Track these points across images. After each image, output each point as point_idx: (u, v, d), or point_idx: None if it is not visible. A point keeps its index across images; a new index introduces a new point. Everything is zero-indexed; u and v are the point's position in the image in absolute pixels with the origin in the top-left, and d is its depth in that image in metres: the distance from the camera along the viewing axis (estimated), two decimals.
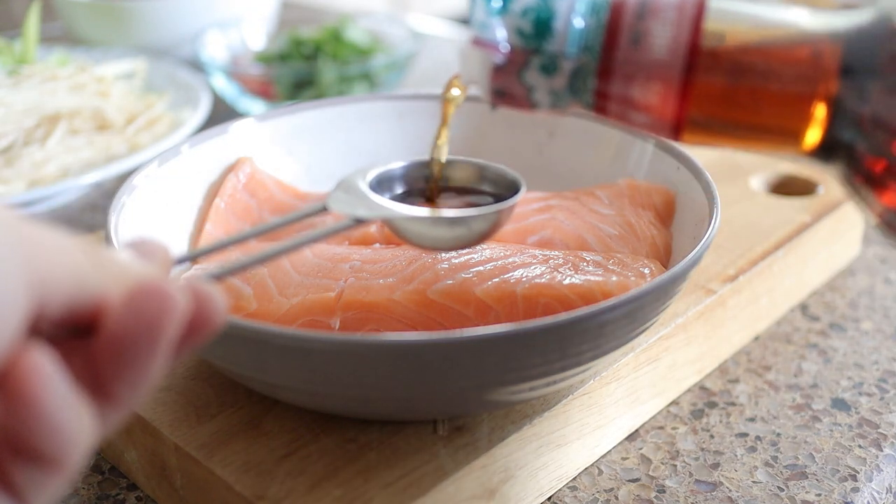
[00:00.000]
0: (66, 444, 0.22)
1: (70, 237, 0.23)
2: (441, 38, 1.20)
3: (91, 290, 0.23)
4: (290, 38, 0.92)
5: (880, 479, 0.43)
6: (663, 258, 0.47)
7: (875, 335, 0.54)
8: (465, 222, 0.39)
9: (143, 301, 0.23)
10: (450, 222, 0.39)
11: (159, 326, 0.23)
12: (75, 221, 0.70)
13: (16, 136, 0.70)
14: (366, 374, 0.34)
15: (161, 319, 0.23)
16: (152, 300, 0.23)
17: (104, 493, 0.43)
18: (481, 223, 0.40)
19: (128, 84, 0.83)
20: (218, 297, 0.25)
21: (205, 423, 0.40)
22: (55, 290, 0.22)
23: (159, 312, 0.23)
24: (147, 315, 0.23)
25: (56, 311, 0.22)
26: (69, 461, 0.22)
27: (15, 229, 0.22)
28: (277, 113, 0.55)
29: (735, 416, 0.47)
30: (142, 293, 0.23)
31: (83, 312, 0.23)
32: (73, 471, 0.22)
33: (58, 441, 0.22)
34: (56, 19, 1.18)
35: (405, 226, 0.39)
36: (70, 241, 0.23)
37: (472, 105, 0.58)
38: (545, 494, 0.41)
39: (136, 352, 0.23)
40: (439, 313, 0.41)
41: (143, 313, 0.23)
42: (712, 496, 0.42)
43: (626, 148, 0.53)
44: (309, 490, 0.36)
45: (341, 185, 0.40)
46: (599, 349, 0.36)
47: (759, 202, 0.58)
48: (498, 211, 0.40)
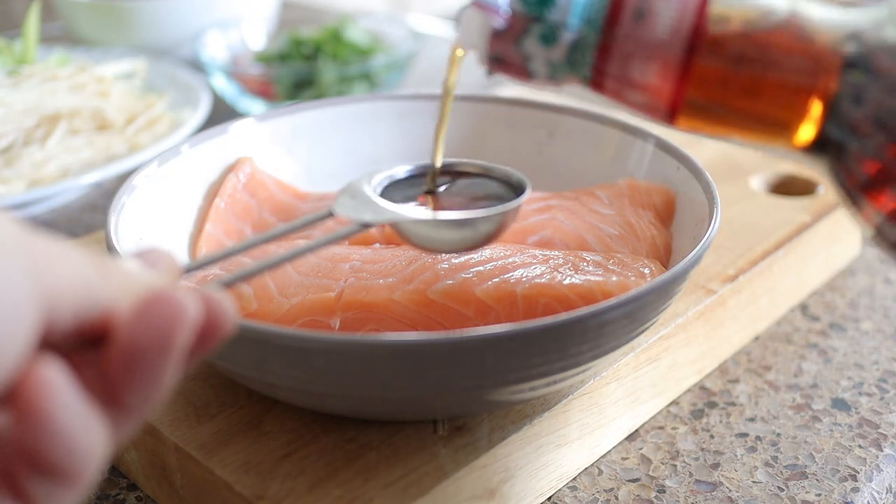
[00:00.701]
0: (79, 458, 0.22)
1: (77, 248, 0.23)
2: (441, 38, 1.20)
3: (100, 300, 0.23)
4: (290, 38, 0.92)
5: (880, 479, 0.43)
6: (663, 258, 0.47)
7: (875, 335, 0.54)
8: (472, 224, 0.39)
9: (153, 310, 0.23)
10: (456, 224, 0.39)
11: (171, 335, 0.23)
12: (75, 221, 0.70)
13: (16, 136, 0.70)
14: (366, 374, 0.34)
15: (172, 328, 0.23)
16: (163, 309, 0.23)
17: (104, 493, 0.43)
18: (487, 224, 0.40)
19: (128, 84, 0.83)
20: (227, 303, 0.25)
21: (205, 423, 0.40)
22: (64, 303, 0.22)
23: (170, 321, 0.23)
24: (158, 324, 0.23)
25: (66, 323, 0.22)
26: (83, 474, 0.22)
27: (21, 242, 0.22)
28: (277, 113, 0.55)
29: (735, 416, 0.47)
30: (152, 302, 0.23)
31: (93, 323, 0.23)
32: (87, 483, 0.22)
33: (71, 454, 0.21)
34: (56, 19, 1.18)
35: (411, 229, 0.39)
36: (77, 252, 0.23)
37: (472, 105, 0.58)
38: (545, 494, 0.41)
39: (148, 361, 0.23)
40: (439, 313, 0.41)
41: (154, 322, 0.23)
42: (712, 496, 0.42)
43: (626, 148, 0.53)
44: (309, 490, 0.36)
45: (347, 191, 0.40)
46: (599, 349, 0.36)
47: (759, 202, 0.58)
48: (504, 212, 0.40)
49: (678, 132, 0.69)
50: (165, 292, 0.23)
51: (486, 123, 0.57)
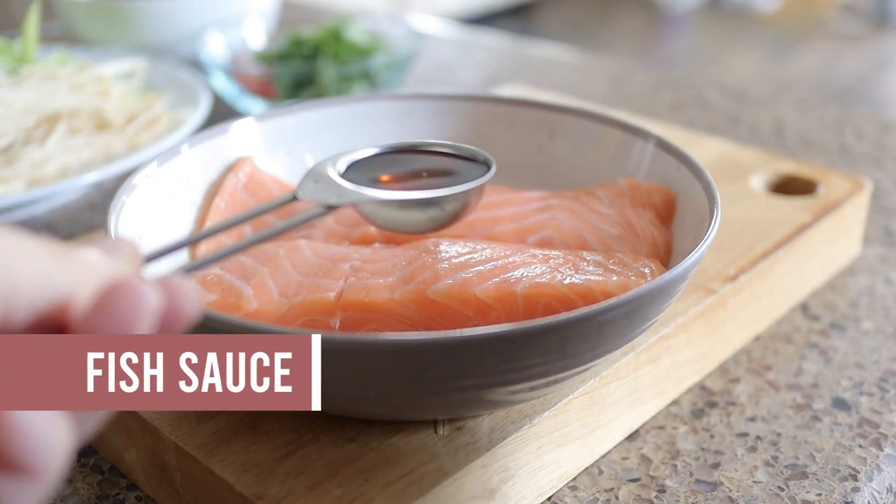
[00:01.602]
0: (42, 453, 0.21)
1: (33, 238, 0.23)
2: (441, 38, 1.20)
3: (59, 289, 0.22)
4: (290, 37, 0.92)
5: (881, 478, 0.43)
6: (664, 258, 0.47)
7: (875, 335, 0.54)
8: (437, 203, 0.39)
9: (113, 299, 0.22)
10: (421, 204, 0.39)
11: (131, 324, 0.22)
12: (75, 221, 0.70)
13: (15, 135, 0.70)
14: (366, 374, 0.34)
15: (133, 317, 0.22)
16: (123, 297, 0.22)
17: (104, 492, 0.43)
18: (453, 203, 0.40)
19: (127, 84, 0.83)
20: (191, 290, 0.24)
21: (205, 423, 0.39)
22: (20, 293, 0.22)
23: (131, 309, 0.22)
24: (118, 313, 0.22)
25: (23, 314, 0.22)
26: (47, 470, 0.21)
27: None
28: (277, 113, 0.55)
29: (735, 415, 0.47)
30: (112, 291, 0.22)
31: (52, 313, 0.23)
32: (52, 479, 0.22)
33: (33, 451, 0.21)
34: (56, 19, 1.18)
35: (377, 210, 0.39)
36: (33, 241, 0.23)
37: (472, 105, 0.58)
38: (545, 494, 0.41)
39: None
40: (439, 313, 0.41)
41: (114, 311, 0.22)
42: (712, 496, 0.42)
43: (627, 148, 0.53)
44: (309, 490, 0.36)
45: (310, 174, 0.40)
46: (599, 349, 0.36)
47: (759, 202, 0.58)
48: (469, 190, 0.40)
49: (678, 132, 0.69)
50: (125, 281, 0.23)
51: (486, 123, 0.57)
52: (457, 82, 1.03)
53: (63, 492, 0.42)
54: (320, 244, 0.47)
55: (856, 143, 0.83)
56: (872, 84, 3.11)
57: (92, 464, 0.44)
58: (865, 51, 3.47)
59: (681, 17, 4.00)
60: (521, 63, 1.10)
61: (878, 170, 0.77)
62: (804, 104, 0.92)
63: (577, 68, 1.07)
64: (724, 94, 0.95)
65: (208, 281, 0.43)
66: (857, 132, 0.85)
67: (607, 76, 1.03)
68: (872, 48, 3.50)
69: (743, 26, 3.82)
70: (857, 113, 0.90)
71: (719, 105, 0.93)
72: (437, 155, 0.45)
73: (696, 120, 0.88)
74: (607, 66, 1.07)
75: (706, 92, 0.96)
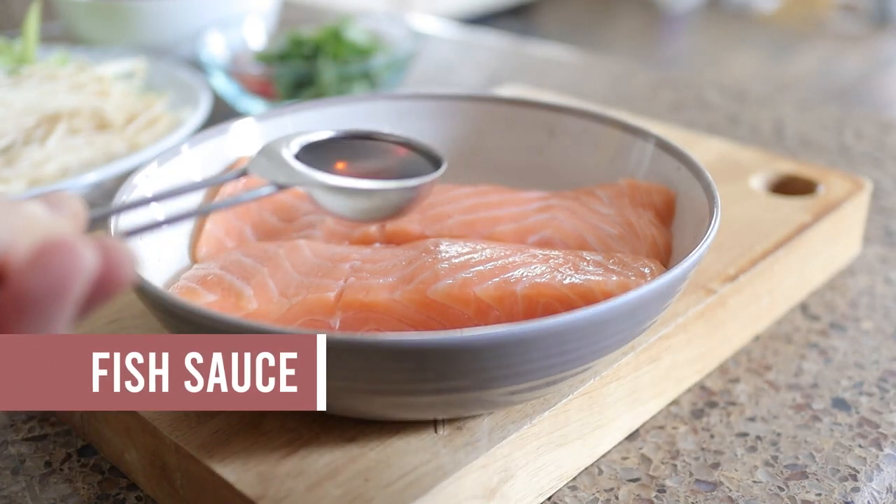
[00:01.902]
0: None
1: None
2: (441, 38, 1.20)
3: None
4: (290, 37, 0.92)
5: (880, 478, 0.43)
6: (663, 258, 0.47)
7: (875, 335, 0.54)
8: (384, 194, 0.40)
9: (49, 257, 0.22)
10: (369, 194, 0.40)
11: (65, 283, 0.22)
12: None
13: (16, 135, 0.70)
14: (366, 374, 0.34)
15: (67, 276, 0.22)
16: (59, 256, 0.22)
17: (104, 492, 0.43)
18: (400, 195, 0.40)
19: (127, 84, 0.83)
20: (128, 254, 0.24)
21: (205, 423, 0.39)
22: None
23: (66, 269, 0.22)
24: (53, 271, 0.22)
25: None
26: None
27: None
28: (277, 113, 0.55)
29: (735, 415, 0.47)
30: (49, 249, 0.22)
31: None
32: None
33: None
34: (56, 19, 1.18)
35: (325, 195, 0.39)
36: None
37: (472, 105, 0.58)
38: (545, 494, 0.41)
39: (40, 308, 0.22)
40: (439, 313, 0.41)
41: (49, 269, 0.22)
42: (712, 496, 0.42)
43: (627, 148, 0.53)
44: (309, 490, 0.36)
45: (264, 151, 0.40)
46: (599, 349, 0.36)
47: (759, 202, 0.58)
48: (417, 185, 0.40)
49: (678, 132, 0.69)
50: (63, 239, 0.22)
51: (486, 123, 0.57)
52: (457, 82, 1.03)
53: (63, 492, 0.42)
54: (320, 244, 0.47)
55: (855, 143, 0.83)
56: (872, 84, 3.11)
57: (92, 464, 0.44)
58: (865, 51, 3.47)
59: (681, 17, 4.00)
60: (521, 63, 1.10)
61: (878, 170, 0.77)
62: (804, 104, 0.92)
63: (576, 68, 1.07)
64: (724, 94, 0.95)
65: (208, 281, 0.43)
66: (856, 132, 0.85)
67: (607, 76, 1.03)
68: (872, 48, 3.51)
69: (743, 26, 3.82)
70: (857, 113, 0.90)
71: (719, 105, 0.93)
72: (394, 145, 0.45)
73: (695, 120, 0.88)
74: (607, 66, 1.07)
75: (706, 92, 0.96)
